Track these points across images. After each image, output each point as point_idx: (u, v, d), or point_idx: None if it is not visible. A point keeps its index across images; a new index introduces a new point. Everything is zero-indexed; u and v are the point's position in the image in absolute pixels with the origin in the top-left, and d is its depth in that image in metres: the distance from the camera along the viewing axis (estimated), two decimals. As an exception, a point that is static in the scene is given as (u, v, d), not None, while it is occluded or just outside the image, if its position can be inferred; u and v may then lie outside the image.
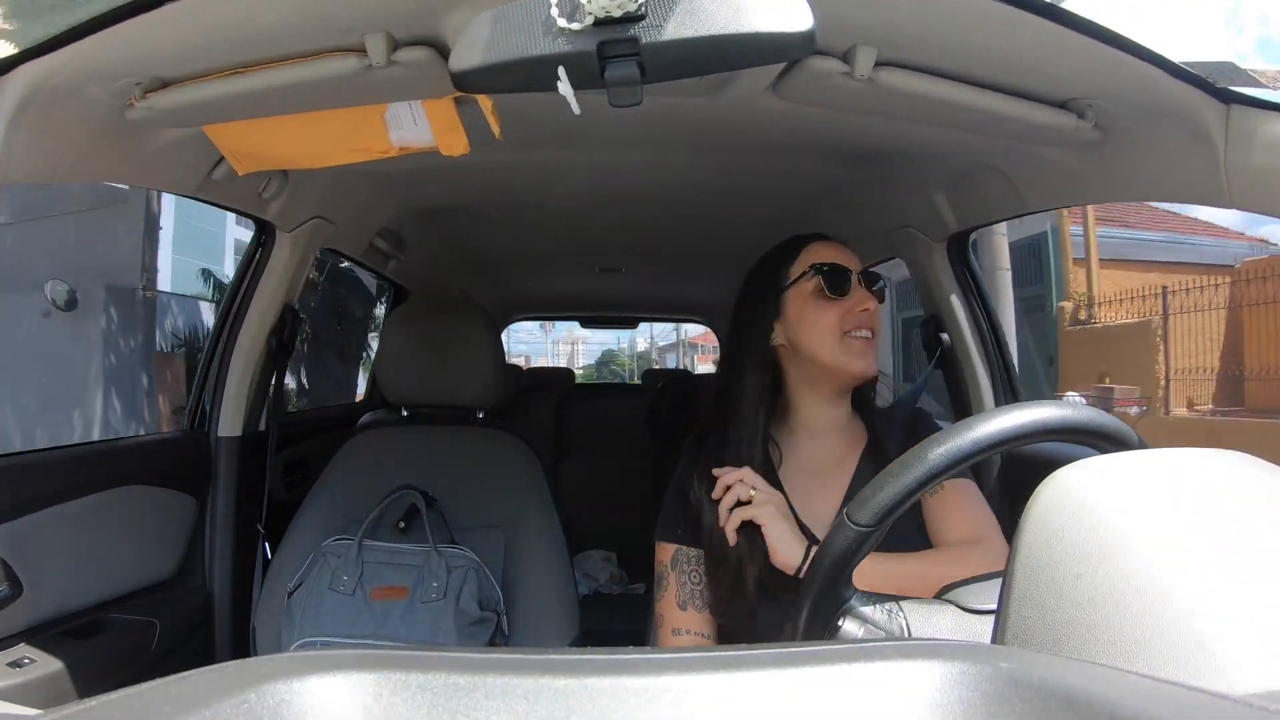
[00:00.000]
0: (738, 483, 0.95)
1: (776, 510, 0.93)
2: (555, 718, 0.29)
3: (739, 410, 1.03)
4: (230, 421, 1.53)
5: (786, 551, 0.90)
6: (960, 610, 0.68)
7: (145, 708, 0.31)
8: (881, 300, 1.05)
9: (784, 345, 1.04)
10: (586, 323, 4.78)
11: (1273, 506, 0.41)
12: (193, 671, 0.33)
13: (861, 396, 1.09)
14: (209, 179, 1.16)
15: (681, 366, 14.09)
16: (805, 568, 0.85)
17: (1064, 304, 8.95)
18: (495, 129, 1.00)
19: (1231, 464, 0.44)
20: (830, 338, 1.01)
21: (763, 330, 1.05)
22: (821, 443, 1.05)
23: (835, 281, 1.01)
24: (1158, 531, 0.39)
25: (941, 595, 0.70)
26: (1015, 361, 1.63)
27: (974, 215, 1.41)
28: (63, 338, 6.51)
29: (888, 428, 1.06)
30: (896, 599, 0.69)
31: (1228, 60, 0.78)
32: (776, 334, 1.04)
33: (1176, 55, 0.77)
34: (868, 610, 0.68)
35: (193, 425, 1.54)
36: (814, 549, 0.86)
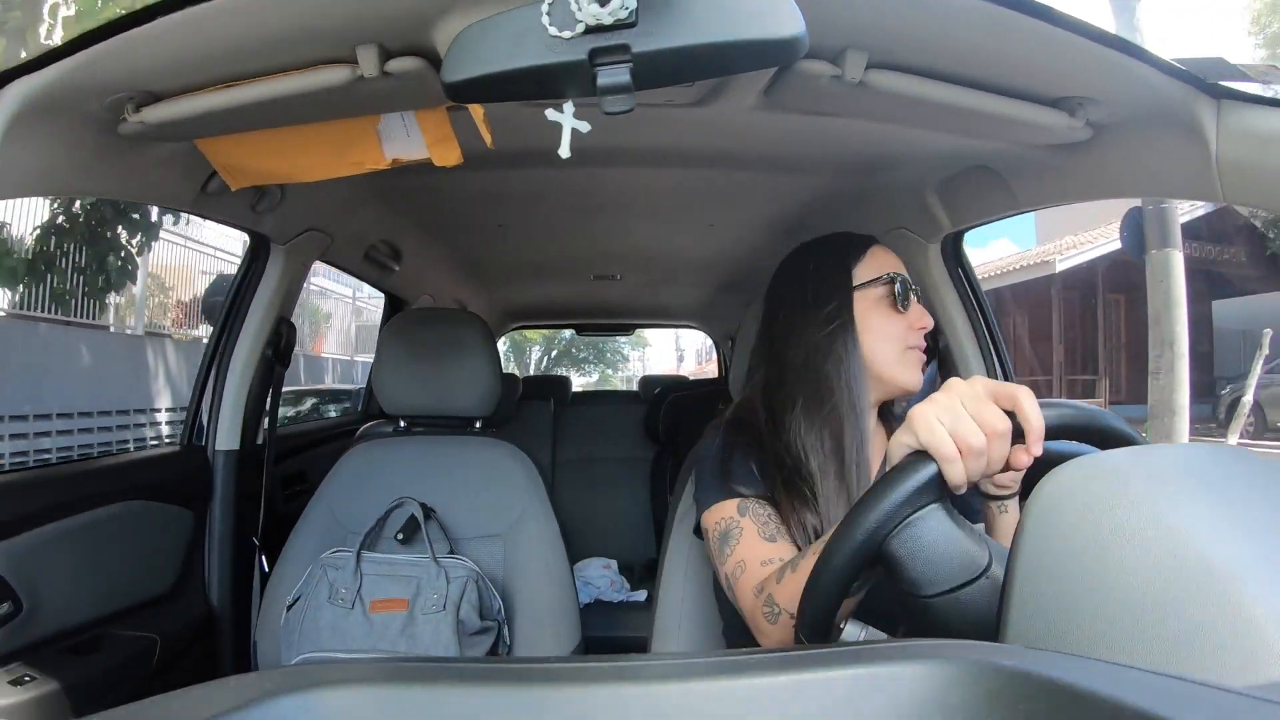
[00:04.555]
0: None
1: None
2: None
3: (824, 384, 0.98)
4: (228, 435, 1.52)
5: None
6: None
7: None
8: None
9: None
10: (582, 330, 4.78)
11: (1268, 496, 0.41)
12: (194, 687, 0.33)
13: (886, 403, 1.09)
14: (203, 193, 1.16)
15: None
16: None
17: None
18: (487, 138, 1.00)
19: (1227, 457, 0.44)
20: (894, 348, 1.01)
21: (834, 318, 1.01)
22: None
23: (907, 294, 1.02)
24: (1156, 525, 0.39)
25: None
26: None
27: (967, 215, 1.41)
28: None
29: None
30: None
31: (1218, 56, 0.78)
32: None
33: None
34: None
35: (190, 439, 1.54)
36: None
